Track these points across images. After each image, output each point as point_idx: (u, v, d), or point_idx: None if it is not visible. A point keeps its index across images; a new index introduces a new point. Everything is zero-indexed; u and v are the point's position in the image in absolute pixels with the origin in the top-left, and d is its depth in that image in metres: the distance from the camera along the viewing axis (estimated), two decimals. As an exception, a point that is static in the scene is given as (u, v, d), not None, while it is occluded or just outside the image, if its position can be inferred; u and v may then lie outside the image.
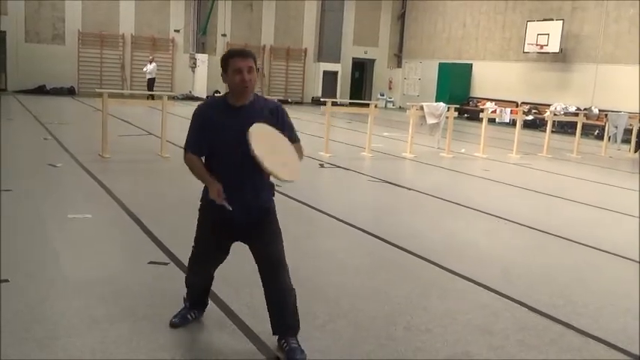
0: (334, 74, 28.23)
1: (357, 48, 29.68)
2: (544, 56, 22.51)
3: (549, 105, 20.90)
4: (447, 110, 12.88)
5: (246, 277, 3.51)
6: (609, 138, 15.29)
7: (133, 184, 8.33)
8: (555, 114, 17.40)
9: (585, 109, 19.68)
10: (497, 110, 15.38)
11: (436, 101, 17.08)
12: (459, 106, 15.00)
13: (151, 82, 23.52)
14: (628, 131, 15.57)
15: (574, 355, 3.66)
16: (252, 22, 27.62)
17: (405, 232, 6.32)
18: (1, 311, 3.74)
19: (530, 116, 21.27)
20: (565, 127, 20.30)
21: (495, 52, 24.95)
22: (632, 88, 19.24)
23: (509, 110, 14.93)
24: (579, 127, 14.83)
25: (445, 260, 5.33)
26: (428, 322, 4.01)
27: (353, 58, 29.71)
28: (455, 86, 25.48)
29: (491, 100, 23.05)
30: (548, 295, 4.64)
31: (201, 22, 26.15)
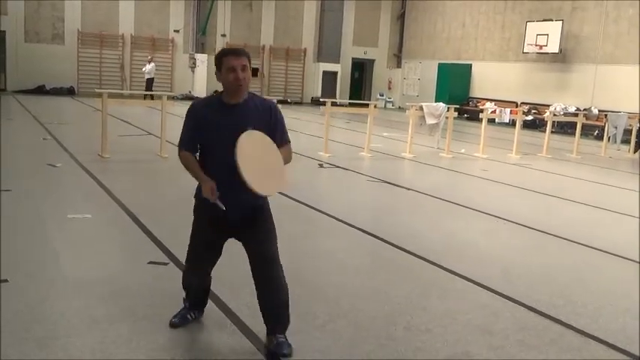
0: (334, 74, 28.24)
1: (357, 48, 29.69)
2: (543, 56, 22.51)
3: (549, 105, 20.91)
4: (447, 110, 12.89)
5: (246, 276, 3.51)
6: (609, 138, 15.30)
7: (132, 184, 8.34)
8: (555, 114, 17.42)
9: (585, 109, 19.70)
10: (496, 110, 15.39)
11: (436, 101, 17.09)
12: (458, 107, 14.99)
13: (150, 82, 23.53)
14: (627, 131, 15.57)
15: (574, 355, 3.67)
16: (251, 22, 27.62)
17: (405, 232, 6.32)
18: (1, 311, 3.74)
19: (530, 116, 21.32)
20: (565, 128, 20.32)
21: (495, 52, 24.96)
22: (632, 88, 19.25)
23: (508, 110, 14.93)
24: (579, 127, 14.84)
25: (445, 260, 5.33)
26: (428, 322, 4.01)
27: (352, 58, 29.71)
28: (454, 86, 25.49)
29: (491, 101, 23.06)
30: (547, 295, 4.64)
31: (201, 22, 26.15)
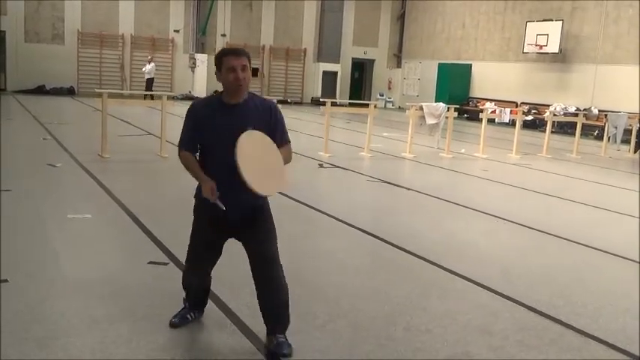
0: (334, 74, 28.23)
1: (357, 48, 29.68)
2: (543, 57, 22.51)
3: (549, 105, 20.91)
4: (447, 110, 12.89)
5: (246, 276, 3.52)
6: (609, 138, 15.30)
7: (132, 184, 8.34)
8: (555, 114, 17.41)
9: (585, 109, 19.68)
10: (496, 110, 15.38)
11: (435, 101, 17.09)
12: (458, 107, 14.99)
13: (150, 82, 23.50)
14: (627, 131, 15.57)
15: (573, 355, 3.67)
16: (251, 22, 27.62)
17: (405, 232, 6.32)
18: (1, 311, 3.74)
19: (530, 116, 21.32)
20: (565, 128, 20.32)
21: (495, 52, 24.95)
22: (632, 88, 19.24)
23: (508, 110, 14.93)
24: (579, 127, 14.84)
25: (445, 260, 5.33)
26: (428, 322, 4.01)
27: (352, 58, 29.71)
28: (454, 86, 25.49)
29: (491, 101, 23.05)
30: (547, 296, 4.64)
31: (201, 22, 26.15)
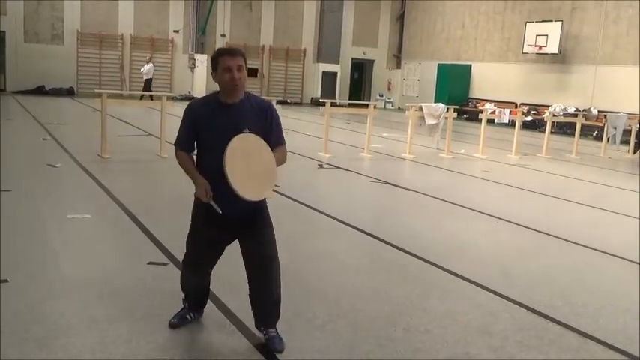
0: (333, 75, 28.25)
1: (357, 49, 29.70)
2: (543, 57, 22.52)
3: (548, 106, 20.95)
4: (446, 111, 12.89)
5: (245, 276, 3.52)
6: (608, 139, 15.31)
7: (132, 184, 8.34)
8: (554, 115, 17.42)
9: (584, 110, 19.71)
10: (496, 111, 15.40)
11: (435, 102, 17.09)
12: (458, 107, 14.99)
13: (148, 83, 23.44)
14: (627, 132, 15.58)
15: (573, 356, 3.67)
16: (251, 22, 27.62)
17: (405, 233, 6.32)
18: (1, 311, 3.74)
19: (530, 117, 21.34)
20: (564, 128, 20.32)
21: (494, 52, 24.96)
22: (631, 89, 19.25)
23: (508, 111, 14.94)
24: (578, 127, 14.84)
25: (445, 261, 5.33)
26: (427, 322, 4.01)
27: (352, 58, 29.72)
28: (454, 87, 25.49)
29: (491, 101, 23.07)
30: (547, 296, 4.64)
31: (201, 22, 26.16)
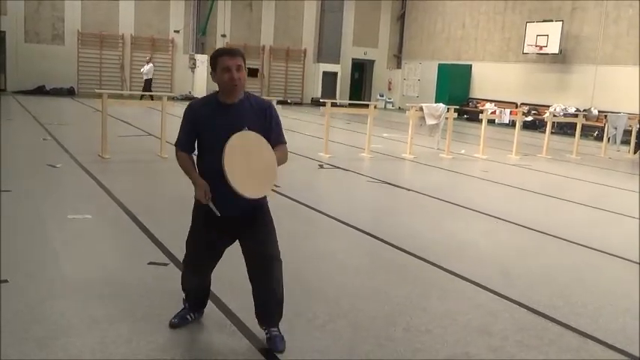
0: (334, 75, 28.24)
1: (357, 49, 29.69)
2: (543, 57, 22.52)
3: (549, 106, 20.95)
4: (447, 111, 12.89)
5: (246, 277, 3.53)
6: (609, 139, 15.30)
7: (132, 184, 8.34)
8: (555, 115, 17.43)
9: (585, 110, 19.71)
10: (496, 111, 15.41)
11: (435, 102, 17.09)
12: (458, 107, 14.99)
13: (148, 83, 23.43)
14: (627, 132, 15.58)
15: (573, 356, 3.67)
16: (251, 22, 27.62)
17: (405, 233, 6.32)
18: (1, 311, 3.75)
19: (530, 117, 21.34)
20: (564, 128, 20.32)
21: (495, 53, 24.96)
22: (632, 89, 19.25)
23: (508, 111, 14.95)
24: (579, 128, 14.84)
25: (445, 261, 5.34)
26: (427, 322, 4.02)
27: (352, 58, 29.72)
28: (454, 87, 25.50)
29: (491, 101, 23.06)
30: (547, 296, 4.64)
31: (201, 22, 26.16)
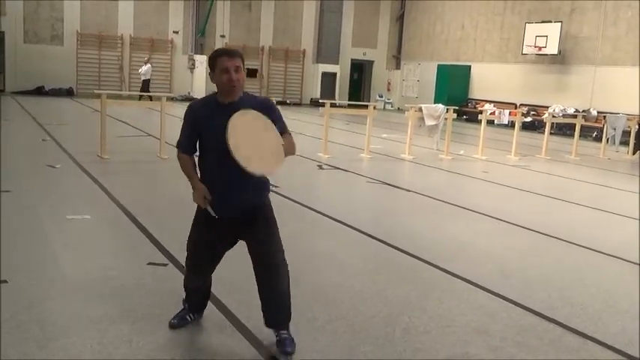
0: (333, 75, 28.25)
1: (356, 49, 29.70)
2: (542, 58, 22.54)
3: (548, 107, 20.97)
4: (446, 112, 12.89)
5: (245, 277, 3.53)
6: (607, 140, 15.32)
7: (131, 185, 8.34)
8: (554, 116, 17.44)
9: (584, 110, 19.72)
10: (495, 112, 15.40)
11: (435, 103, 17.09)
12: (457, 108, 15.00)
13: (146, 84, 23.43)
14: (626, 133, 15.60)
15: (573, 357, 3.67)
16: (250, 22, 27.62)
17: (404, 233, 6.32)
18: (1, 311, 3.75)
19: (529, 118, 21.35)
20: (563, 129, 20.35)
21: (494, 53, 24.97)
22: (631, 89, 19.27)
23: (507, 112, 14.94)
24: (578, 128, 14.86)
25: (444, 261, 5.34)
26: (427, 323, 4.02)
27: (352, 59, 29.72)
28: (453, 88, 25.51)
29: (490, 102, 23.07)
30: (547, 297, 4.64)
31: (200, 23, 26.15)
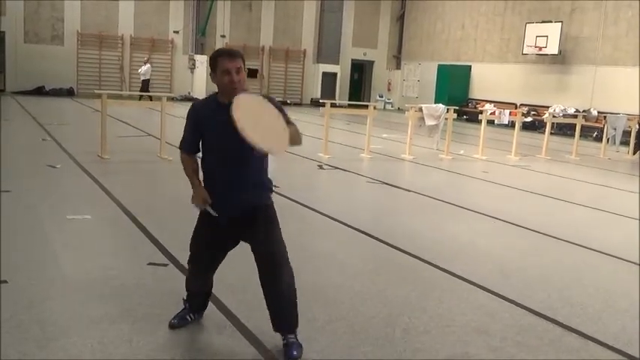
0: (333, 75, 28.26)
1: (356, 49, 29.71)
2: (543, 58, 22.54)
3: (548, 107, 20.96)
4: (446, 112, 12.89)
5: (246, 278, 3.53)
6: (608, 140, 15.32)
7: (132, 185, 8.34)
8: (554, 116, 17.44)
9: (584, 110, 19.72)
10: (496, 112, 15.40)
11: (435, 103, 17.08)
12: (457, 108, 15.00)
13: (146, 84, 23.43)
14: (627, 133, 15.60)
15: (573, 357, 3.67)
16: (251, 22, 27.63)
17: (404, 233, 6.33)
18: (1, 311, 3.75)
19: (529, 118, 21.35)
20: (564, 129, 20.34)
21: (494, 53, 24.97)
22: (631, 89, 19.27)
23: (508, 112, 14.94)
24: (578, 128, 14.86)
25: (444, 261, 5.34)
26: (427, 323, 4.02)
27: (352, 59, 29.73)
28: (454, 88, 25.51)
29: (490, 102, 23.07)
30: (547, 297, 4.65)
31: (200, 23, 26.16)
